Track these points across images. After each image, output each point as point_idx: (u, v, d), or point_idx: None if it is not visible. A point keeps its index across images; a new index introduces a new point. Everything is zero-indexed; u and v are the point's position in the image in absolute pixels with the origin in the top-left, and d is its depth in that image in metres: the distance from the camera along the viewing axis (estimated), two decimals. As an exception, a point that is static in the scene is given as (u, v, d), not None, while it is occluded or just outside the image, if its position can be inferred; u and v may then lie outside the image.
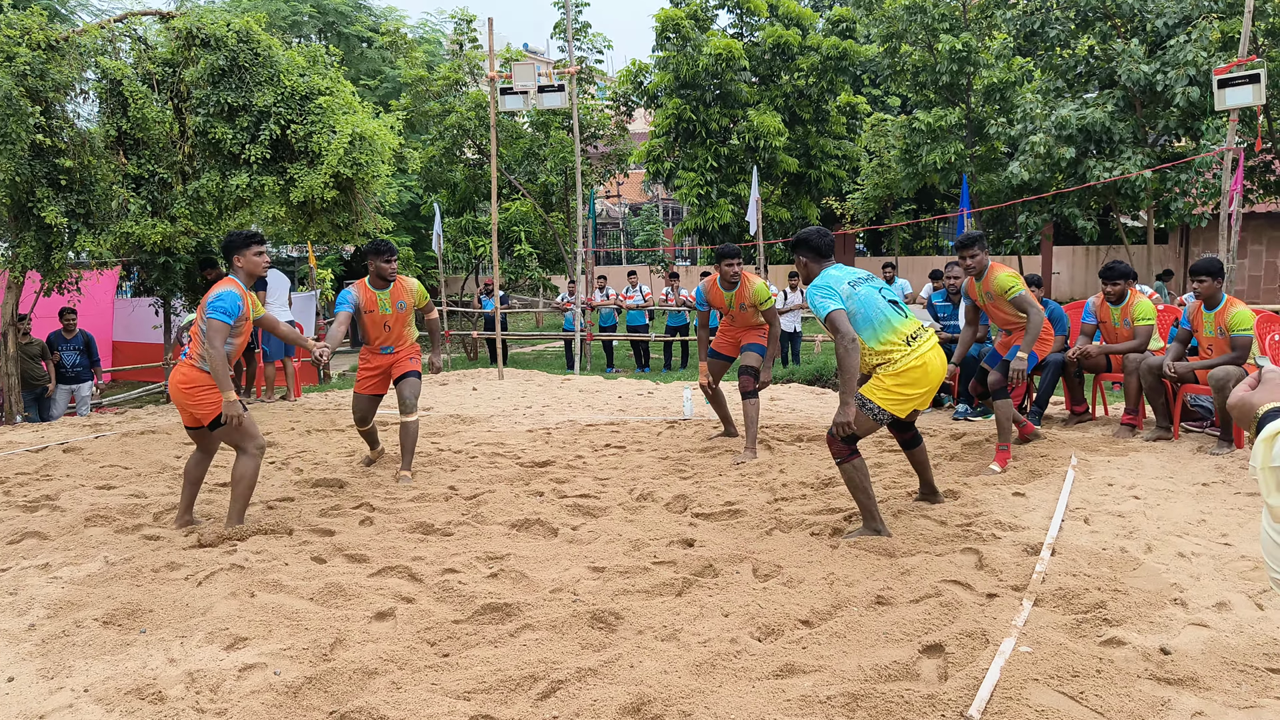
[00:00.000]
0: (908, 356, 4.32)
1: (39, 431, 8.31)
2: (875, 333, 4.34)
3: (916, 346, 4.35)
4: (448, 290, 22.18)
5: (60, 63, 8.87)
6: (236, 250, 4.88)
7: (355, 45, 23.66)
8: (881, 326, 4.34)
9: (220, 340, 4.65)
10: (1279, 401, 1.54)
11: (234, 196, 9.20)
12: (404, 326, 6.10)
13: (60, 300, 10.31)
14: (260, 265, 4.95)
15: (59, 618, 3.68)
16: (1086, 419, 7.38)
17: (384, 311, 5.99)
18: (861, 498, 4.40)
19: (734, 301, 6.57)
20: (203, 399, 4.74)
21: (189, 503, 5.07)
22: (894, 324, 4.37)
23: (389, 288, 6.01)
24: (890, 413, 4.35)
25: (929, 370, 4.35)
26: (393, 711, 2.81)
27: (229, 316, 4.69)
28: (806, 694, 2.83)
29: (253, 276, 4.95)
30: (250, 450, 4.85)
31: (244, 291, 4.85)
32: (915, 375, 4.32)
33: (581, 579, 3.98)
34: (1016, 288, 5.83)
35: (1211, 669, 2.99)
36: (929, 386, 4.39)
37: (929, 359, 4.35)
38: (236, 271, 4.90)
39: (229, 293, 4.75)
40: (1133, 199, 16.95)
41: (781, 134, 21.60)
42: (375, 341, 6.09)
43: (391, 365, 6.11)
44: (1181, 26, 15.80)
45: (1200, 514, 4.71)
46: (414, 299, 6.11)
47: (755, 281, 6.53)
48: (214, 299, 4.72)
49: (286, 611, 3.64)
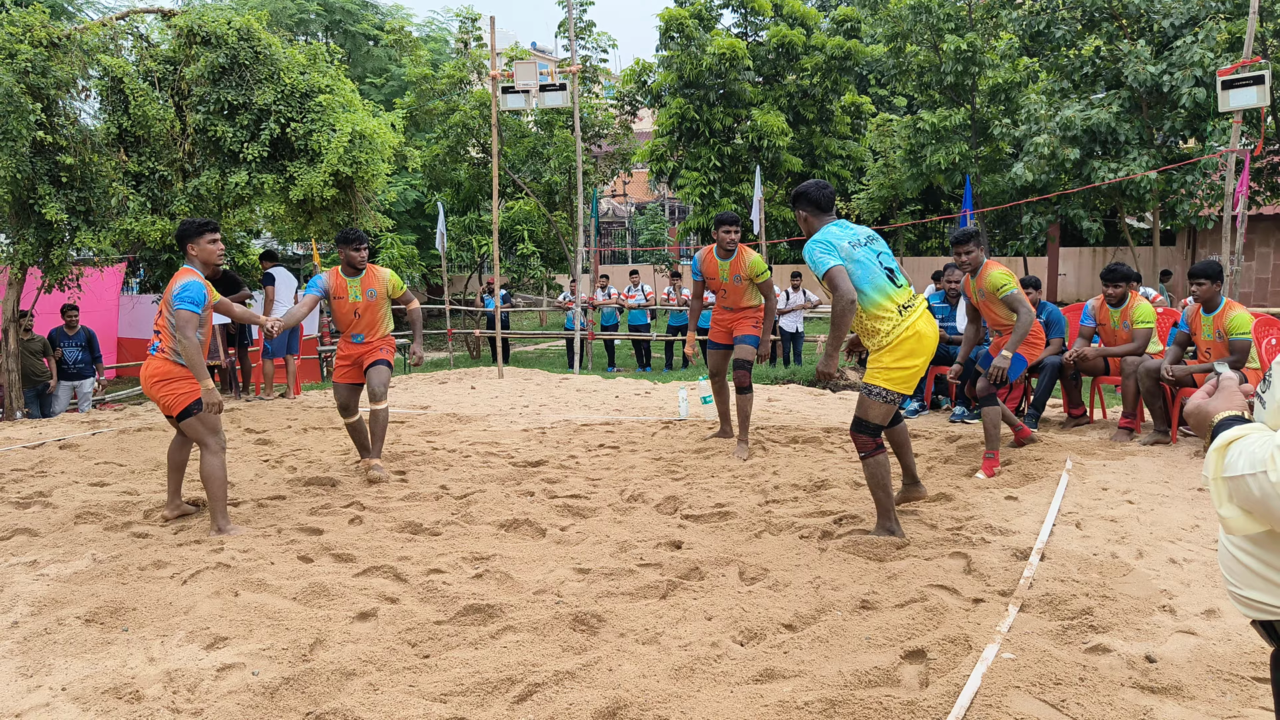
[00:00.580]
0: (899, 326, 4.28)
1: (37, 427, 8.32)
2: (869, 296, 4.29)
3: (908, 316, 4.32)
4: (451, 289, 22.18)
5: (62, 60, 8.89)
6: (190, 239, 4.86)
7: (361, 43, 23.70)
8: (876, 291, 4.30)
9: (192, 331, 4.65)
10: (1235, 410, 1.51)
11: (234, 194, 9.21)
12: (375, 315, 6.10)
13: (63, 297, 10.34)
14: (214, 253, 4.91)
15: (42, 615, 3.68)
16: (1084, 422, 7.34)
17: (354, 299, 6.02)
18: (880, 495, 4.37)
19: (729, 272, 6.51)
20: (173, 390, 4.78)
21: (176, 488, 5.13)
22: (888, 290, 4.32)
23: (360, 275, 6.06)
24: (900, 393, 4.31)
25: (923, 337, 4.32)
26: (368, 713, 2.79)
27: (196, 306, 4.68)
28: (784, 699, 2.81)
29: (209, 264, 4.92)
30: (212, 445, 4.83)
31: (204, 279, 4.84)
32: (910, 345, 4.29)
33: (566, 580, 3.96)
34: (1008, 286, 5.78)
35: (1196, 678, 2.96)
36: (926, 354, 4.34)
37: (921, 327, 4.32)
38: (192, 260, 4.88)
39: (192, 282, 4.73)
40: (1138, 200, 16.87)
41: (785, 134, 21.56)
42: (346, 329, 6.14)
43: (364, 354, 6.13)
44: (1188, 27, 15.72)
45: (1194, 519, 4.68)
46: (386, 288, 6.11)
47: (752, 253, 6.52)
48: (178, 290, 4.69)
49: (269, 611, 3.63)
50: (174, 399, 4.79)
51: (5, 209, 9.02)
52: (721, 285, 6.62)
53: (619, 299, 16.14)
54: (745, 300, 6.62)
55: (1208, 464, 1.48)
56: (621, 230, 39.97)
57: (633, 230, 39.37)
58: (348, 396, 6.20)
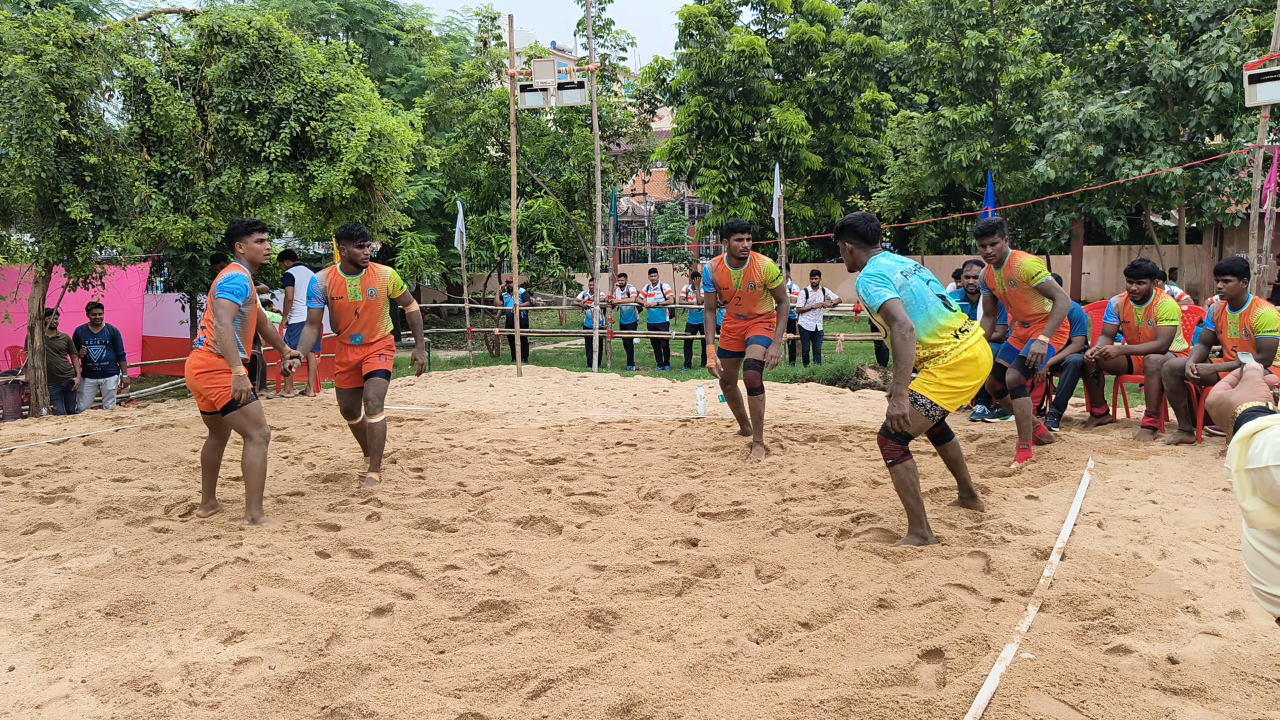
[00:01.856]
0: (958, 349, 4.25)
1: (62, 424, 8.42)
2: (925, 325, 4.26)
3: (965, 339, 4.29)
4: (471, 288, 22.25)
5: (86, 60, 8.98)
6: (239, 237, 5.09)
7: (381, 43, 23.81)
8: (932, 319, 4.27)
9: (228, 318, 4.82)
10: (1259, 400, 1.48)
11: (254, 193, 9.27)
12: (375, 316, 5.91)
13: (87, 296, 10.45)
14: (260, 252, 5.13)
15: (63, 608, 3.71)
16: (1106, 421, 7.26)
17: (353, 298, 5.83)
18: (910, 501, 4.27)
19: (742, 280, 6.43)
20: (216, 383, 4.92)
21: (211, 488, 5.21)
22: (943, 316, 4.31)
23: (360, 274, 5.86)
24: (942, 407, 4.27)
25: (980, 363, 4.29)
26: (382, 708, 2.80)
27: (237, 297, 4.88)
28: (799, 698, 2.79)
29: (255, 263, 5.12)
30: (255, 438, 4.97)
31: (250, 276, 5.05)
32: (967, 369, 4.26)
33: (582, 577, 3.96)
34: (1042, 274, 5.79)
35: (1220, 679, 2.92)
36: (979, 378, 4.32)
37: (979, 351, 4.30)
38: (240, 257, 5.10)
39: (236, 275, 4.95)
40: (1163, 198, 16.69)
41: (805, 131, 21.45)
42: (344, 330, 5.93)
43: (362, 360, 5.95)
44: (1215, 21, 15.52)
45: (1219, 520, 4.61)
46: (387, 287, 5.92)
47: (764, 259, 6.46)
48: (222, 282, 4.93)
49: (286, 606, 3.65)
50: (219, 393, 4.92)
51: (31, 208, 9.13)
52: (735, 294, 6.51)
53: (638, 298, 16.13)
54: (759, 308, 6.54)
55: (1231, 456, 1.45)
56: (640, 229, 39.97)
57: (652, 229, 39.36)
58: (350, 401, 6.08)
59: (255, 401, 4.97)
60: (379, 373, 5.89)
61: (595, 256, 13.65)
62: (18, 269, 10.37)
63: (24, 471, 6.32)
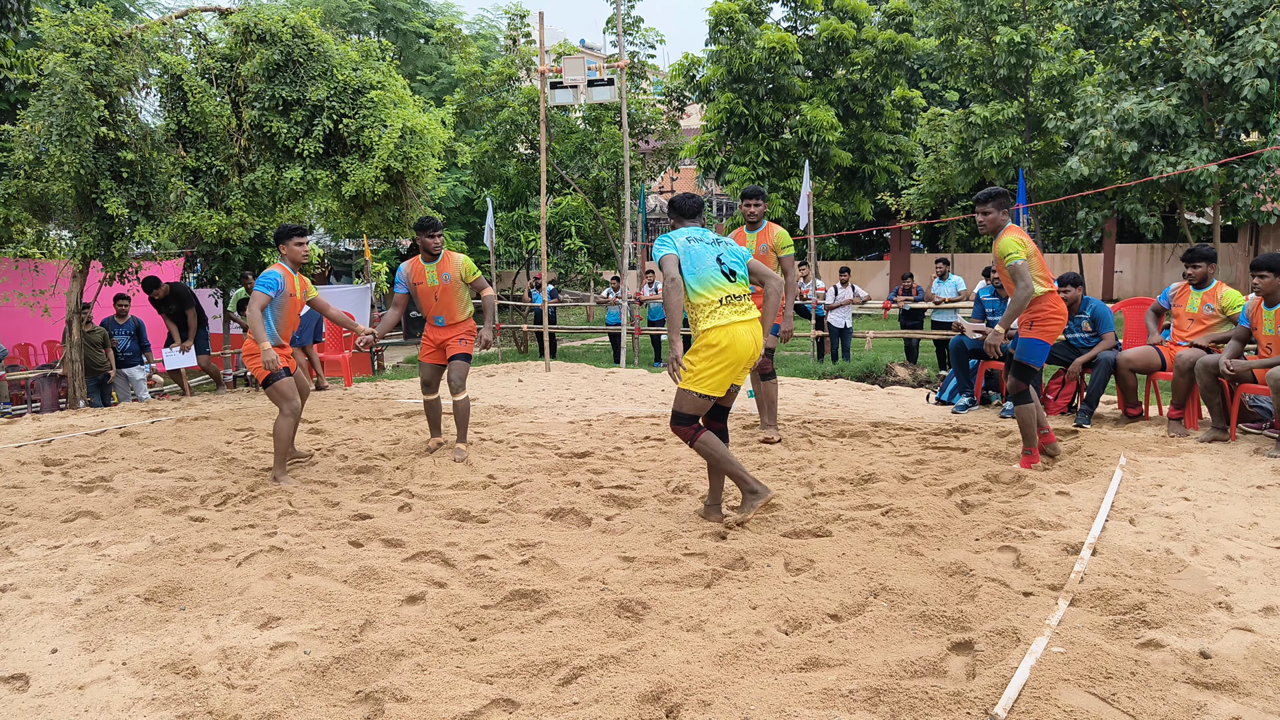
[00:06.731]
0: (712, 316, 4.45)
1: (99, 416, 8.57)
2: (692, 285, 4.51)
3: (727, 311, 4.47)
4: (500, 284, 22.37)
5: (124, 58, 9.13)
6: (282, 241, 6.01)
7: (412, 41, 24.00)
8: (700, 281, 4.50)
9: (258, 306, 5.70)
10: None
11: (288, 189, 9.38)
12: (453, 298, 6.39)
13: (122, 290, 10.63)
14: (300, 254, 6.02)
15: (104, 593, 3.79)
16: (1140, 421, 7.18)
17: (431, 283, 6.37)
18: (727, 468, 4.55)
19: (755, 243, 6.68)
20: (255, 364, 5.83)
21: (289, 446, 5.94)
22: (714, 282, 4.52)
23: (435, 261, 6.39)
24: (710, 395, 4.48)
25: (735, 338, 4.43)
26: (416, 692, 2.84)
27: (268, 289, 5.76)
28: (829, 687, 2.80)
29: (296, 263, 6.02)
30: (285, 410, 5.80)
31: (288, 273, 5.93)
32: (716, 336, 4.43)
33: (611, 568, 3.99)
34: (1015, 255, 5.43)
35: (1253, 674, 2.89)
36: (734, 359, 4.45)
37: (737, 331, 4.45)
38: (283, 257, 6.02)
39: (274, 272, 5.87)
40: (1198, 195, 16.44)
41: (835, 128, 21.37)
42: (428, 313, 6.49)
43: (446, 341, 6.46)
44: (1251, 16, 15.28)
45: (1253, 517, 4.56)
46: (460, 271, 6.40)
47: (778, 228, 6.73)
48: (262, 276, 5.86)
49: (320, 593, 3.71)
50: (259, 372, 5.81)
51: (69, 203, 9.30)
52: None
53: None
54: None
55: None
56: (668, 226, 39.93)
57: (679, 226, 39.24)
58: (431, 375, 6.60)
59: (288, 379, 5.78)
60: (461, 355, 6.42)
61: (624, 253, 13.67)
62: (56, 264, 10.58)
63: (63, 461, 6.46)
